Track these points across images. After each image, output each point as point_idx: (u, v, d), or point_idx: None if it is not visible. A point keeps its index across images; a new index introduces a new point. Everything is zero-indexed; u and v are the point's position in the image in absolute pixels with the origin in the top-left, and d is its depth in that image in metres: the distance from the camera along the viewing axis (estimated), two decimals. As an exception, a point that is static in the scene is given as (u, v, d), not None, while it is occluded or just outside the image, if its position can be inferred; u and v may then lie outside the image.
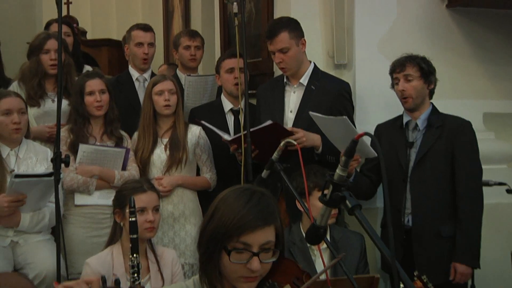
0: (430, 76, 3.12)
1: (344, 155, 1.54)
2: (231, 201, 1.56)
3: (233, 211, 1.53)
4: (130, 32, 4.00)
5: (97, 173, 3.27)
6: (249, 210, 1.53)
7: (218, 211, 1.56)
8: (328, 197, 1.57)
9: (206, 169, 3.50)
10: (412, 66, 3.09)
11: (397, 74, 3.14)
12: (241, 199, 1.55)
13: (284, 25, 3.24)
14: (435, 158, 3.07)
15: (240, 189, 1.60)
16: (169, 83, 3.39)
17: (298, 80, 3.33)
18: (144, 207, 2.75)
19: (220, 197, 1.61)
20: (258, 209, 1.54)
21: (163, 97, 3.36)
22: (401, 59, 3.14)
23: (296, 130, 3.11)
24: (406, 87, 3.10)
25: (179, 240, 3.35)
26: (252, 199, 1.55)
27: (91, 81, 3.32)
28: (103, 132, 3.37)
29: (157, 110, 3.40)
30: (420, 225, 3.07)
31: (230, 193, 1.60)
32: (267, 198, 1.59)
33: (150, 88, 3.40)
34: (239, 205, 1.54)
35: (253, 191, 1.58)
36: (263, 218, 1.53)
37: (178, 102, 3.42)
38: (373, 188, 3.30)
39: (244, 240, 1.52)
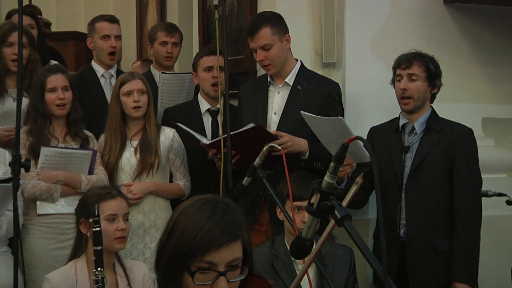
0: (436, 79, 3.13)
1: (334, 161, 1.53)
2: (192, 215, 1.52)
3: (195, 226, 1.49)
4: (93, 24, 3.96)
5: (61, 179, 3.23)
6: (213, 225, 1.49)
7: (178, 226, 1.53)
8: (315, 207, 1.56)
9: (180, 175, 3.49)
10: (419, 65, 3.10)
11: (401, 70, 3.14)
12: (204, 212, 1.52)
13: (265, 20, 3.25)
14: (433, 165, 3.08)
15: (202, 201, 1.57)
16: (138, 82, 3.37)
17: (283, 80, 3.34)
18: (114, 214, 2.73)
19: (179, 210, 1.57)
20: (223, 224, 1.50)
21: (132, 98, 3.34)
22: (409, 55, 3.13)
23: (281, 134, 3.11)
24: (409, 87, 3.10)
25: (149, 253, 3.32)
26: (216, 211, 1.52)
27: (53, 77, 3.28)
28: (66, 133, 3.33)
29: (125, 112, 3.38)
30: (415, 237, 3.09)
31: (190, 205, 1.56)
32: (232, 209, 1.56)
33: (117, 88, 3.38)
34: (201, 219, 1.50)
35: (216, 203, 1.55)
36: (229, 234, 1.50)
37: (149, 102, 3.40)
38: (365, 196, 3.31)
39: (209, 259, 1.48)
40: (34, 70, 3.57)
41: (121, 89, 3.36)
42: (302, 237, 1.63)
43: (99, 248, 2.39)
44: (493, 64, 3.94)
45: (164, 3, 6.07)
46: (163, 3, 6.07)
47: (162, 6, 6.08)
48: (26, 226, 3.22)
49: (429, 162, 3.08)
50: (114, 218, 2.73)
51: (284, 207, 2.47)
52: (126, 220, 2.79)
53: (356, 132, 3.26)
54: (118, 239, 2.72)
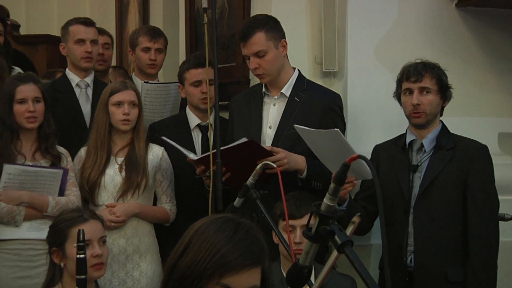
0: (447, 91, 3.16)
1: (333, 182, 1.56)
2: (211, 234, 1.53)
3: (215, 245, 1.50)
4: (67, 27, 3.98)
5: (26, 200, 3.21)
6: (234, 246, 1.50)
7: (193, 245, 1.53)
8: (314, 231, 1.59)
9: (166, 198, 3.50)
10: (431, 77, 3.11)
11: (410, 84, 3.14)
12: (224, 232, 1.53)
13: (260, 24, 3.28)
14: (444, 186, 3.09)
15: (221, 220, 1.58)
16: (131, 94, 3.39)
17: (279, 90, 3.37)
18: (88, 239, 2.69)
19: (195, 228, 1.58)
20: (245, 245, 1.51)
21: (121, 110, 3.35)
22: (418, 67, 3.13)
23: (277, 150, 3.13)
24: (422, 101, 3.11)
25: (132, 282, 3.31)
26: (238, 232, 1.53)
27: (23, 87, 3.27)
28: (36, 149, 3.32)
29: (112, 124, 3.39)
30: (424, 266, 3.09)
31: (208, 224, 1.57)
32: (255, 232, 1.57)
33: (106, 97, 3.38)
34: (222, 238, 1.51)
35: (238, 223, 1.56)
36: (252, 257, 1.51)
37: (139, 116, 3.42)
38: (369, 221, 3.30)
39: (226, 283, 1.48)
40: (1, 78, 3.58)
41: (110, 98, 3.37)
42: (299, 264, 1.65)
43: (82, 277, 2.38)
44: (510, 74, 3.97)
45: (147, 4, 6.07)
46: (145, 5, 6.07)
47: (144, 7, 6.08)
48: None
49: (440, 183, 3.09)
50: (88, 244, 2.70)
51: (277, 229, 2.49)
52: (102, 243, 2.78)
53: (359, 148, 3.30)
54: (95, 266, 2.71)
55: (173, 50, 4.75)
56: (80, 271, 2.40)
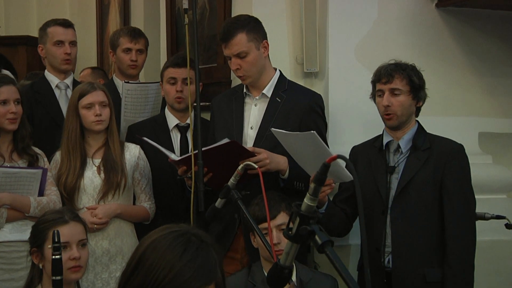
0: (420, 91, 3.15)
1: (314, 182, 1.56)
2: (163, 250, 1.53)
3: (166, 264, 1.50)
4: (45, 29, 3.98)
5: (7, 202, 3.19)
6: (185, 266, 1.51)
7: (146, 261, 1.54)
8: (294, 231, 1.59)
9: (145, 197, 3.51)
10: (401, 78, 3.11)
11: (381, 85, 3.15)
12: (175, 249, 1.53)
13: (241, 25, 3.28)
14: (420, 187, 3.10)
15: (173, 234, 1.58)
16: (100, 94, 3.38)
17: (260, 91, 3.37)
18: (66, 241, 2.70)
19: (147, 242, 1.58)
20: (195, 265, 1.52)
21: (93, 112, 3.34)
22: (389, 68, 3.14)
23: (258, 150, 3.14)
24: (392, 102, 3.11)
25: (115, 283, 3.30)
26: (189, 249, 1.54)
27: (4, 88, 3.28)
28: (12, 150, 3.32)
29: (85, 126, 3.38)
30: (401, 267, 3.09)
31: (160, 239, 1.57)
32: (206, 246, 1.57)
33: (75, 101, 3.36)
34: (172, 257, 1.52)
35: (189, 237, 1.57)
36: (202, 278, 1.52)
37: (111, 115, 3.41)
38: (348, 223, 3.31)
39: None
40: None
41: (80, 102, 3.35)
42: (280, 264, 1.65)
43: (58, 278, 2.37)
44: (491, 74, 3.99)
45: (127, 5, 6.06)
46: (126, 6, 6.07)
47: (125, 8, 6.08)
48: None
49: (416, 184, 3.09)
50: (66, 246, 2.69)
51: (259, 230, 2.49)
52: (81, 246, 2.76)
53: (340, 148, 3.32)
54: (72, 268, 2.70)
55: (154, 51, 4.75)
56: (56, 272, 2.38)
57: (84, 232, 2.82)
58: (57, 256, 2.38)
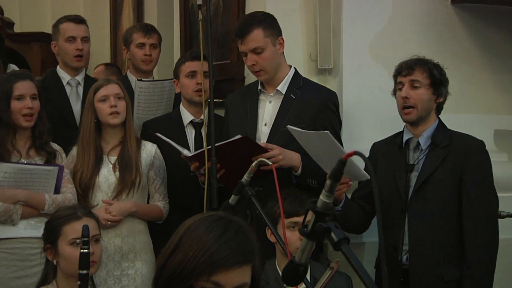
0: (441, 87, 3.14)
1: (330, 179, 1.55)
2: (201, 232, 1.56)
3: (204, 244, 1.53)
4: (58, 25, 4.00)
5: (22, 199, 3.20)
6: (224, 244, 1.53)
7: (184, 243, 1.56)
8: (310, 229, 1.58)
9: (159, 196, 3.50)
10: (422, 71, 3.10)
11: (402, 77, 3.14)
12: (214, 231, 1.56)
13: (257, 21, 3.29)
14: (439, 185, 3.07)
15: (212, 218, 1.61)
16: (115, 87, 3.39)
17: (275, 88, 3.37)
18: (79, 237, 2.66)
19: (185, 227, 1.60)
20: (235, 244, 1.55)
21: (108, 104, 3.34)
22: (410, 61, 3.14)
23: (271, 146, 3.13)
24: (411, 94, 3.10)
25: (127, 280, 3.33)
26: (228, 231, 1.56)
27: (21, 83, 3.28)
28: (30, 146, 3.31)
29: (101, 121, 3.38)
30: (419, 265, 3.08)
31: (199, 222, 1.60)
32: (245, 231, 1.60)
33: (91, 96, 3.38)
34: (211, 237, 1.54)
35: (229, 221, 1.60)
36: (241, 255, 1.54)
37: (127, 110, 3.41)
38: (365, 219, 3.30)
39: (216, 280, 1.52)
40: None
41: (95, 96, 3.37)
42: (295, 261, 1.64)
43: (84, 272, 2.36)
44: (506, 71, 3.96)
45: (141, 2, 6.07)
46: (140, 2, 6.07)
47: (138, 5, 6.08)
48: (-16, 251, 3.20)
49: (435, 181, 3.07)
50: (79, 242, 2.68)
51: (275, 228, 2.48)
52: (95, 242, 2.76)
53: (355, 146, 3.31)
54: None
55: (167, 47, 4.75)
56: (83, 266, 2.37)
57: (97, 227, 2.82)
58: (85, 250, 2.38)
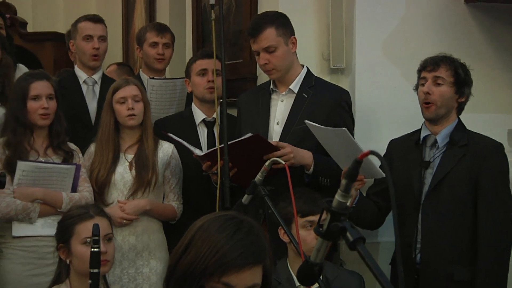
0: (464, 86, 3.12)
1: (345, 178, 1.54)
2: (213, 232, 1.56)
3: (216, 244, 1.53)
4: (76, 25, 4.02)
5: (40, 197, 3.23)
6: (235, 244, 1.53)
7: (195, 243, 1.56)
8: (325, 228, 1.57)
9: (174, 196, 3.51)
10: (447, 68, 3.09)
11: (426, 73, 3.12)
12: (226, 231, 1.55)
13: (270, 20, 3.28)
14: (454, 184, 3.05)
15: (224, 218, 1.60)
16: (133, 88, 3.40)
17: (287, 87, 3.36)
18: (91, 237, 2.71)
19: (197, 226, 1.60)
20: (246, 244, 1.54)
21: (125, 106, 3.36)
22: (436, 57, 3.12)
23: (282, 144, 3.13)
24: (432, 91, 3.08)
25: (142, 278, 3.33)
26: (239, 231, 1.56)
27: (37, 83, 3.29)
28: (47, 146, 3.33)
29: (119, 121, 3.40)
30: (430, 264, 3.07)
31: (211, 222, 1.59)
32: (257, 231, 1.60)
33: (110, 96, 3.40)
34: (222, 237, 1.54)
35: (240, 221, 1.59)
36: (252, 256, 1.54)
37: (145, 111, 3.43)
38: (380, 216, 3.30)
39: (227, 281, 1.51)
40: (6, 75, 3.58)
41: (114, 96, 3.39)
42: (310, 261, 1.63)
43: (95, 271, 2.35)
44: (520, 71, 3.93)
45: (153, 1, 6.09)
46: (152, 2, 6.09)
47: (151, 4, 6.11)
48: (1, 249, 3.21)
49: (451, 180, 3.05)
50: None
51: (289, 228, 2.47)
52: (107, 241, 2.76)
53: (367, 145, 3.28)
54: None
55: (179, 47, 4.75)
56: (94, 265, 2.36)
57: (110, 226, 2.82)
58: (95, 249, 2.36)
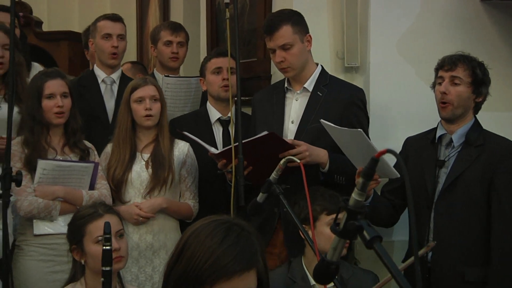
0: (482, 86, 3.10)
1: (362, 177, 1.54)
2: (203, 237, 1.55)
3: (206, 251, 1.52)
4: (95, 23, 4.04)
5: (61, 195, 3.24)
6: (224, 252, 1.52)
7: (187, 249, 1.55)
8: (342, 227, 1.57)
9: (190, 195, 3.51)
10: (465, 68, 3.07)
11: (443, 72, 3.10)
12: (216, 236, 1.54)
13: (286, 17, 3.29)
14: (468, 184, 3.03)
15: (215, 222, 1.59)
16: (151, 88, 3.40)
17: (301, 85, 3.35)
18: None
19: (190, 231, 1.60)
20: (236, 250, 1.53)
21: (143, 106, 3.37)
22: (454, 57, 3.10)
23: (298, 142, 3.12)
24: (449, 90, 3.06)
25: (158, 277, 3.33)
26: (229, 236, 1.55)
27: (51, 82, 3.30)
28: (64, 144, 3.35)
29: (136, 121, 3.41)
30: (441, 263, 3.05)
31: (202, 227, 1.58)
32: (247, 234, 1.58)
33: (128, 95, 3.41)
34: (213, 243, 1.53)
35: (230, 226, 1.58)
36: (242, 262, 1.53)
37: (162, 111, 3.43)
38: (394, 214, 3.29)
39: None
40: (19, 74, 3.58)
41: (132, 96, 3.39)
42: (326, 260, 1.63)
43: (108, 269, 2.36)
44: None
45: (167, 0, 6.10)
46: (166, 1, 6.11)
47: (165, 3, 6.12)
48: (22, 247, 3.23)
49: (465, 180, 3.03)
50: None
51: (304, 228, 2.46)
52: (119, 237, 2.77)
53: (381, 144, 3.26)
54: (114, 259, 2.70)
55: (194, 46, 4.75)
56: (106, 263, 2.37)
57: (120, 222, 2.83)
58: (107, 247, 2.37)
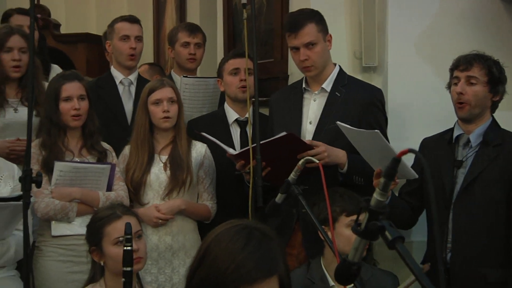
0: (498, 85, 3.07)
1: (384, 177, 1.54)
2: (225, 243, 1.56)
3: (228, 256, 1.53)
4: (113, 25, 4.05)
5: (77, 196, 3.25)
6: (246, 258, 1.53)
7: (210, 254, 1.57)
8: (363, 227, 1.56)
9: (208, 196, 3.51)
10: (481, 68, 3.04)
11: (459, 72, 3.08)
12: (238, 242, 1.55)
13: (309, 15, 3.29)
14: (487, 184, 3.00)
15: (236, 228, 1.60)
16: (169, 90, 3.41)
17: (319, 86, 3.34)
18: (122, 236, 2.70)
19: (212, 236, 1.61)
20: (257, 257, 1.54)
21: (161, 108, 3.37)
22: (469, 56, 3.08)
23: (316, 143, 3.12)
24: (466, 91, 3.04)
25: (178, 278, 3.34)
26: (250, 242, 1.56)
27: (68, 85, 3.32)
28: (82, 146, 3.37)
29: (154, 123, 3.42)
30: (461, 265, 3.03)
31: (224, 232, 1.60)
32: (268, 240, 1.59)
33: (145, 97, 3.41)
34: (234, 249, 1.54)
35: (251, 231, 1.59)
36: (264, 269, 1.54)
37: (179, 113, 3.43)
38: (413, 216, 3.27)
39: None
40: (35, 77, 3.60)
41: (149, 98, 3.40)
42: (348, 260, 1.63)
43: (128, 269, 2.38)
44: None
45: (184, 1, 6.12)
46: (182, 2, 6.13)
47: (181, 5, 6.14)
48: (41, 248, 3.25)
49: (483, 180, 3.01)
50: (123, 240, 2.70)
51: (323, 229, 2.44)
52: (138, 238, 2.77)
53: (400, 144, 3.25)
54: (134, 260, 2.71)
55: (210, 47, 4.75)
56: (126, 263, 2.39)
57: (138, 224, 2.83)
58: (128, 248, 2.39)
